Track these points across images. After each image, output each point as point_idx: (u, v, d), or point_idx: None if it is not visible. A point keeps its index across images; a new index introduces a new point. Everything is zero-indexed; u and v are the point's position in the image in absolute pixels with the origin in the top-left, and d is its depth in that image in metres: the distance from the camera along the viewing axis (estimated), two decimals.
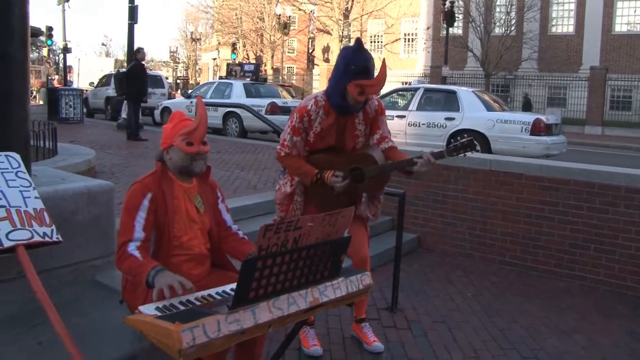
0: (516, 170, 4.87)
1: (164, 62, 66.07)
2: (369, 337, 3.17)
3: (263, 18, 39.35)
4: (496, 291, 4.30)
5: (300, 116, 2.83)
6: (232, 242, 2.41)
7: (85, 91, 18.51)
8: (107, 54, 61.33)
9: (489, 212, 4.99)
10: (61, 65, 30.43)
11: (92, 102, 19.08)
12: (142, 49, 11.09)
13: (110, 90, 17.69)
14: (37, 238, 2.33)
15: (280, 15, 32.66)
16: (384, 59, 3.01)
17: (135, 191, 2.23)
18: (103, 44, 62.49)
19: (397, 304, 3.80)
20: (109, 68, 34.29)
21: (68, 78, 29.34)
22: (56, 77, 32.23)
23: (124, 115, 12.80)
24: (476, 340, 3.37)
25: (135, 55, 11.06)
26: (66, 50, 27.09)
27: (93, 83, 23.68)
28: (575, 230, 4.54)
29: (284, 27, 31.53)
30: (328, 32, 36.61)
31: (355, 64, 2.65)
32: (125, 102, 12.00)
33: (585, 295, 4.29)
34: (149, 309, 1.76)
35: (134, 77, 10.51)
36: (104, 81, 19.02)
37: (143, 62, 11.01)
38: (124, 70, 10.76)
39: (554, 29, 29.75)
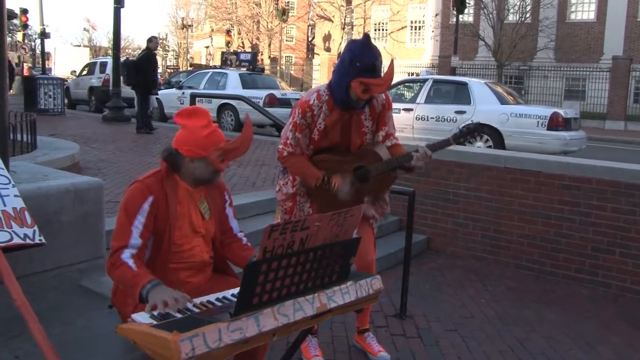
0: (533, 167, 4.85)
1: None
2: (374, 347, 3.16)
3: (260, 3, 39.30)
4: (512, 297, 4.29)
5: (303, 111, 2.81)
6: (236, 249, 2.39)
7: (66, 80, 18.48)
8: (90, 41, 61.18)
9: (504, 212, 4.97)
10: (38, 51, 30.10)
11: (74, 92, 19.01)
12: (155, 37, 11.45)
13: (95, 80, 17.68)
14: (16, 240, 2.29)
15: (278, 0, 32.62)
16: (392, 59, 3.00)
17: (135, 192, 2.18)
18: (85, 30, 62.23)
19: (406, 310, 3.79)
20: (85, 58, 34.35)
21: (46, 65, 29.14)
22: (25, 64, 31.91)
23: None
24: (492, 351, 3.36)
25: (147, 44, 11.31)
26: (44, 35, 26.82)
27: (75, 72, 23.62)
28: (598, 232, 4.53)
29: (283, 13, 31.51)
30: (329, 19, 36.60)
31: (361, 60, 2.62)
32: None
33: (610, 304, 4.27)
34: (143, 317, 1.74)
35: (144, 67, 10.76)
36: (88, 70, 18.98)
37: (155, 52, 11.30)
38: (133, 59, 11.00)
39: (573, 16, 29.71)
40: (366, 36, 2.73)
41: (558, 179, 4.70)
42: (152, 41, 11.26)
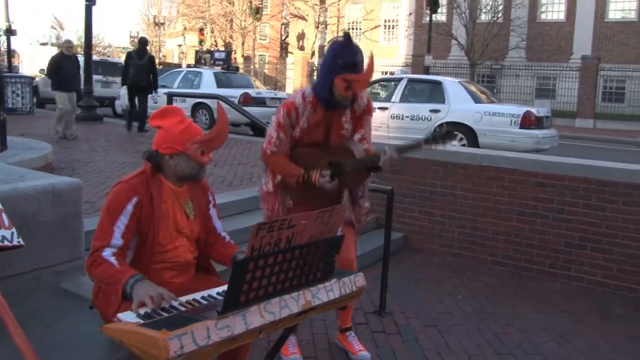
0: (508, 165, 4.95)
1: (123, 48, 64.82)
2: (355, 347, 3.20)
3: (233, 2, 39.07)
4: (488, 293, 4.37)
5: (288, 111, 2.87)
6: (219, 247, 2.41)
7: (34, 78, 18.12)
8: (58, 39, 59.85)
9: (480, 210, 5.07)
10: (3, 49, 29.34)
11: (43, 91, 18.55)
12: (146, 38, 12.49)
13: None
14: None
15: None
16: (371, 52, 3.06)
17: (119, 192, 2.17)
18: (53, 27, 60.81)
19: (385, 307, 3.85)
20: None
21: (12, 63, 28.46)
22: None
23: (123, 104, 12.98)
24: (470, 345, 3.43)
25: (144, 45, 11.81)
26: (10, 32, 26.08)
27: (44, 70, 23.14)
28: (571, 228, 4.64)
29: (256, 12, 31.37)
30: (303, 18, 36.60)
31: (343, 58, 2.73)
32: (124, 91, 12.24)
33: (583, 297, 4.39)
34: (129, 317, 1.74)
35: (149, 69, 11.25)
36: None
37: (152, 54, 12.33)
38: (138, 62, 11.24)
39: (543, 16, 30.21)
40: (347, 35, 2.82)
41: (532, 176, 4.81)
42: (148, 43, 12.24)
